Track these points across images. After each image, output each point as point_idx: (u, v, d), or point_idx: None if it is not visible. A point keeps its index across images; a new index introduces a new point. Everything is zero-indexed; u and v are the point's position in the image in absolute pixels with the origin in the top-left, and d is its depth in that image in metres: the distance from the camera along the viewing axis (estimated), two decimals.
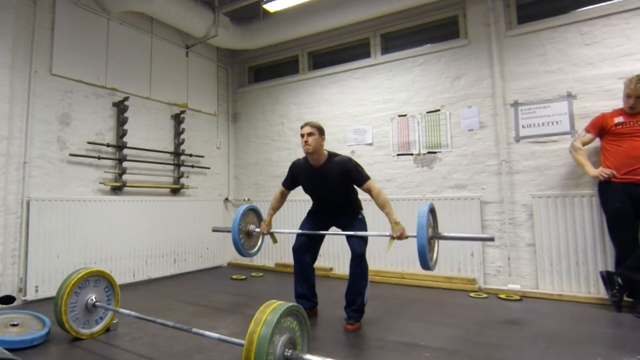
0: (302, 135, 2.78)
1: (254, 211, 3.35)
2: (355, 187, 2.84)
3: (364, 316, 2.73)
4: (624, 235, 2.95)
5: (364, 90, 4.62)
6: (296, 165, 2.97)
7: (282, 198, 3.09)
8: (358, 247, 2.68)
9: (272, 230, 3.12)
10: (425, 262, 2.35)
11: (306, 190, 2.97)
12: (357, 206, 2.91)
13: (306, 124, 2.82)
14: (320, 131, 2.81)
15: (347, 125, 4.70)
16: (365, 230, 2.80)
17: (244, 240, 3.20)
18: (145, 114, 4.49)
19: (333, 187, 2.79)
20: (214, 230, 3.73)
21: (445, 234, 2.64)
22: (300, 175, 2.94)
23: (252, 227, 3.24)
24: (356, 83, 4.69)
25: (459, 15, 4.17)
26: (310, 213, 3.04)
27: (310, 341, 1.79)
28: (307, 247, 2.88)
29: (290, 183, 3.02)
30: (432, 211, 2.55)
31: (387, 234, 2.62)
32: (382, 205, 2.66)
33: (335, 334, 2.56)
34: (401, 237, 2.57)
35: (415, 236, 2.38)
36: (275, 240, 3.15)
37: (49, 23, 3.67)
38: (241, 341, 1.59)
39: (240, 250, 3.12)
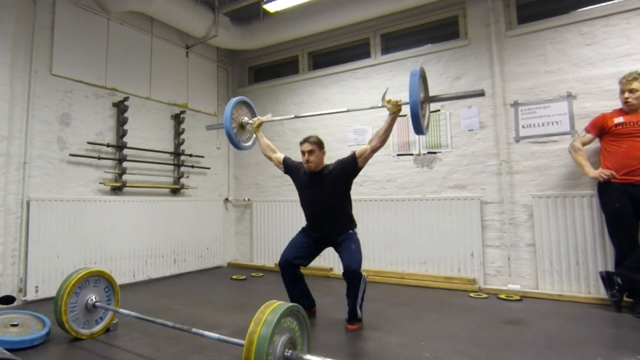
0: (303, 153, 2.77)
1: (245, 104, 3.24)
2: (351, 195, 2.84)
3: (364, 316, 2.73)
4: (624, 235, 2.95)
5: (364, 90, 4.62)
6: (295, 166, 2.95)
7: (273, 154, 3.06)
8: (351, 261, 2.60)
9: (266, 119, 3.09)
10: (418, 124, 2.35)
11: (301, 198, 2.93)
12: (351, 221, 2.86)
13: (305, 141, 2.79)
14: (320, 146, 2.80)
15: (347, 125, 4.70)
16: (359, 247, 2.71)
17: (237, 131, 3.11)
18: (145, 114, 4.49)
19: (329, 196, 2.74)
20: (207, 128, 3.70)
21: (436, 96, 2.69)
22: (296, 175, 2.93)
23: (245, 119, 3.16)
24: (356, 83, 4.69)
25: (459, 16, 4.17)
26: (304, 229, 2.98)
27: (310, 341, 1.79)
28: (295, 264, 2.82)
29: (286, 168, 2.99)
30: (422, 77, 2.51)
31: (381, 99, 2.67)
32: (377, 134, 2.70)
33: (335, 334, 2.56)
34: (392, 106, 2.59)
35: (405, 103, 2.40)
36: (268, 119, 3.11)
37: (49, 23, 3.67)
38: (241, 341, 1.59)
39: (234, 141, 3.04)
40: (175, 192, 4.75)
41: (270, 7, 4.50)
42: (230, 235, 5.46)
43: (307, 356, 1.62)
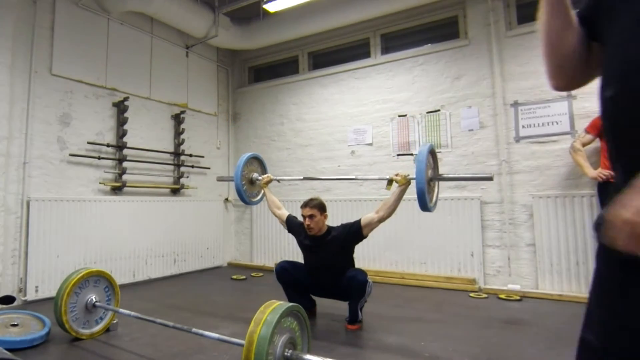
0: (303, 217, 2.76)
1: (257, 160, 3.30)
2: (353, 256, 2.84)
3: (364, 316, 2.73)
4: None
5: (364, 90, 4.62)
6: (298, 227, 2.92)
7: (278, 212, 3.08)
8: (355, 272, 2.62)
9: (275, 178, 3.14)
10: (424, 203, 2.33)
11: (303, 254, 2.93)
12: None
13: (306, 205, 2.76)
14: (322, 209, 2.77)
15: (347, 125, 4.70)
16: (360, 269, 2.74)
17: (247, 187, 3.16)
18: (145, 114, 4.49)
19: (333, 261, 2.73)
20: (218, 180, 3.79)
21: (445, 175, 2.68)
22: (297, 233, 2.93)
23: (255, 175, 3.21)
24: (356, 83, 4.69)
25: (459, 16, 4.17)
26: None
27: (310, 341, 1.79)
28: (290, 272, 2.84)
29: (289, 228, 3.01)
30: (432, 153, 2.50)
31: (387, 179, 2.62)
32: (385, 204, 2.65)
33: (335, 334, 2.56)
34: (401, 179, 2.54)
35: (414, 178, 2.37)
36: (278, 181, 3.20)
37: (49, 23, 3.67)
38: (241, 341, 1.59)
39: (243, 196, 3.08)
40: (175, 192, 4.75)
41: (270, 7, 4.50)
42: (230, 235, 5.46)
43: (307, 356, 1.62)
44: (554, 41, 0.81)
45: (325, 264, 2.75)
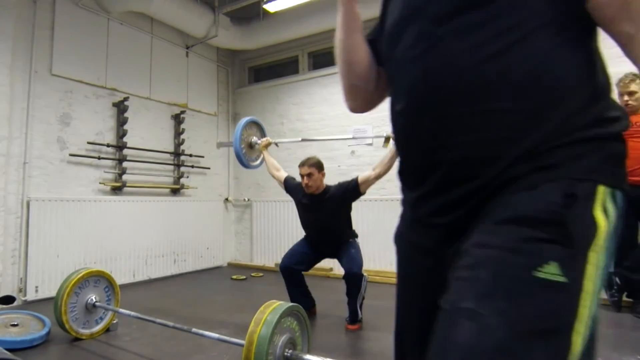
0: (302, 176, 2.76)
1: (255, 124, 3.28)
2: (351, 212, 2.86)
3: (364, 316, 2.73)
4: (623, 235, 2.94)
5: None
6: (295, 187, 2.94)
7: (276, 172, 3.10)
8: (352, 264, 2.64)
9: (273, 141, 3.14)
10: None
11: (301, 218, 2.96)
12: (351, 235, 2.87)
13: (304, 164, 2.77)
14: (319, 168, 2.78)
15: (347, 125, 4.70)
16: (359, 251, 2.77)
17: (246, 151, 3.14)
18: (145, 114, 4.49)
19: (329, 219, 2.75)
20: (218, 146, 3.73)
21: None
22: (294, 193, 2.95)
23: (254, 139, 3.19)
24: None
25: None
26: (305, 238, 3.00)
27: (310, 341, 1.79)
28: (295, 269, 2.85)
29: (285, 187, 3.03)
30: None
31: (384, 135, 2.62)
32: (382, 161, 2.66)
33: (335, 334, 2.56)
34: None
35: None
36: (276, 144, 3.18)
37: (49, 23, 3.67)
38: (241, 341, 1.59)
39: (243, 160, 3.06)
40: (175, 192, 4.75)
41: (270, 7, 4.50)
42: (230, 235, 5.46)
43: (307, 356, 1.62)
44: (348, 60, 0.86)
45: (323, 222, 2.78)
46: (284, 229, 4.88)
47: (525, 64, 0.59)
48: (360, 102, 0.93)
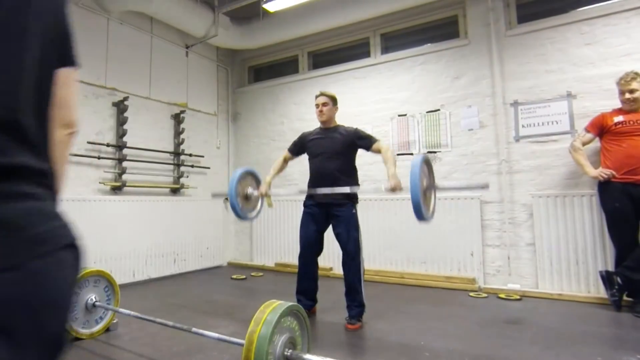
0: (317, 105, 2.92)
1: (251, 175, 3.17)
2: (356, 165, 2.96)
3: (363, 316, 2.73)
4: (624, 235, 2.95)
5: (364, 90, 4.62)
6: (306, 133, 3.08)
7: (285, 163, 3.11)
8: (350, 244, 2.73)
9: (270, 193, 2.99)
10: (420, 214, 2.29)
11: (309, 152, 2.99)
12: (353, 183, 2.83)
13: (321, 94, 2.95)
14: (334, 101, 2.96)
15: (346, 125, 4.68)
16: (358, 228, 2.80)
17: (242, 203, 3.01)
18: (145, 113, 4.49)
19: (337, 147, 2.85)
20: (213, 196, 3.70)
21: (441, 185, 2.67)
22: (307, 138, 3.01)
23: (250, 189, 3.07)
24: (356, 83, 4.69)
25: (459, 15, 4.17)
26: (305, 204, 2.99)
27: (310, 341, 1.79)
28: (312, 248, 2.92)
29: (296, 148, 3.08)
30: (426, 162, 2.43)
31: (383, 187, 2.59)
32: (385, 160, 2.69)
33: (335, 333, 2.56)
34: (395, 189, 2.51)
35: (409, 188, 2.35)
36: (270, 204, 2.97)
37: None
38: (241, 341, 1.59)
39: (238, 213, 2.93)
40: (175, 191, 4.75)
41: (270, 7, 4.50)
42: (230, 235, 5.46)
43: (307, 356, 1.62)
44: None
45: (330, 148, 2.86)
46: (284, 228, 4.88)
47: None
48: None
